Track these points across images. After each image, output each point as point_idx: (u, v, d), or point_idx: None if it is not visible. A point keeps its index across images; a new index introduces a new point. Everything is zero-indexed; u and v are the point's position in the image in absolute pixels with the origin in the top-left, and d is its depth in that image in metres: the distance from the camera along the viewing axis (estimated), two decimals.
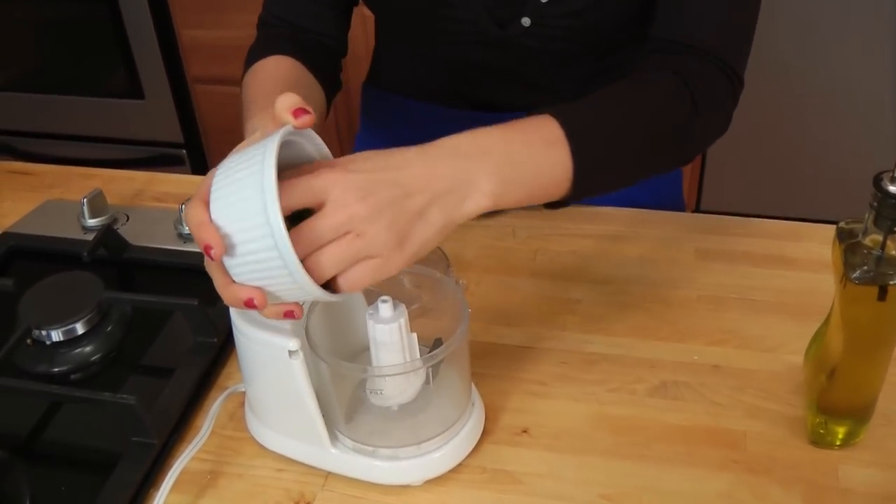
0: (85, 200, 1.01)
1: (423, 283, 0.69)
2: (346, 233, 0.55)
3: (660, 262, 0.92)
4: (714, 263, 0.91)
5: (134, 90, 2.20)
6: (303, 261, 0.54)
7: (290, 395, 0.65)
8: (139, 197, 1.11)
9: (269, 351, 0.64)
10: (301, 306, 0.58)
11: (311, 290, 0.55)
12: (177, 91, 2.21)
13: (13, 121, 2.37)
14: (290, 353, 0.62)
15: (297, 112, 0.57)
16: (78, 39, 2.18)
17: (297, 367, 0.63)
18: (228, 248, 0.55)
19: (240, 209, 0.54)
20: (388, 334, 0.63)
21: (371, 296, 0.65)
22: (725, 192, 2.15)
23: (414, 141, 0.61)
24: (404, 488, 0.68)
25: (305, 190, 0.56)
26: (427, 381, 0.65)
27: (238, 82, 0.83)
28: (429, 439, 0.67)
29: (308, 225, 0.55)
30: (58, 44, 2.22)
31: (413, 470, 0.67)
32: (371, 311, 0.64)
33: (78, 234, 0.99)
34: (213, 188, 0.56)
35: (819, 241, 0.93)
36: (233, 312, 0.66)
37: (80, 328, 0.83)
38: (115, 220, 1.02)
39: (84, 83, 2.25)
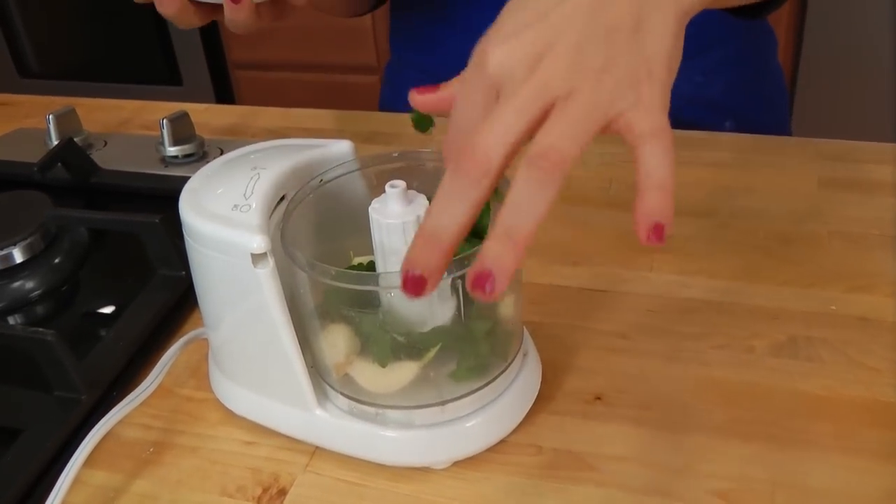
0: (51, 117, 0.82)
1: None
2: (548, 106, 0.35)
3: (775, 192, 0.70)
4: (844, 194, 0.69)
5: (172, 76, 2.10)
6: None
7: (258, 326, 0.45)
8: (125, 125, 0.93)
9: (226, 259, 0.43)
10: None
11: None
12: (216, 77, 2.09)
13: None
14: (254, 257, 0.42)
15: None
16: (114, 21, 2.10)
17: (266, 281, 0.42)
18: None
19: None
20: (400, 234, 0.42)
21: (374, 184, 0.45)
22: (822, 120, 1.74)
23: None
24: (421, 472, 0.47)
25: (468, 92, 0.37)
26: (457, 310, 0.44)
27: (280, 67, 0.64)
28: (457, 398, 0.45)
29: (487, 123, 0.35)
30: (93, 27, 2.14)
31: (434, 445, 0.46)
32: (376, 204, 0.43)
33: None
34: None
35: None
36: (182, 205, 0.46)
37: (18, 255, 0.64)
38: (90, 146, 0.83)
39: (119, 69, 2.17)
